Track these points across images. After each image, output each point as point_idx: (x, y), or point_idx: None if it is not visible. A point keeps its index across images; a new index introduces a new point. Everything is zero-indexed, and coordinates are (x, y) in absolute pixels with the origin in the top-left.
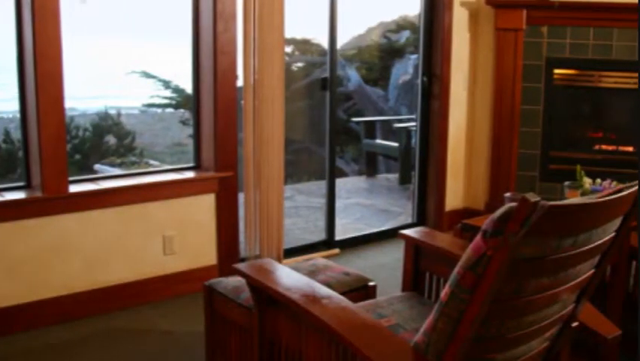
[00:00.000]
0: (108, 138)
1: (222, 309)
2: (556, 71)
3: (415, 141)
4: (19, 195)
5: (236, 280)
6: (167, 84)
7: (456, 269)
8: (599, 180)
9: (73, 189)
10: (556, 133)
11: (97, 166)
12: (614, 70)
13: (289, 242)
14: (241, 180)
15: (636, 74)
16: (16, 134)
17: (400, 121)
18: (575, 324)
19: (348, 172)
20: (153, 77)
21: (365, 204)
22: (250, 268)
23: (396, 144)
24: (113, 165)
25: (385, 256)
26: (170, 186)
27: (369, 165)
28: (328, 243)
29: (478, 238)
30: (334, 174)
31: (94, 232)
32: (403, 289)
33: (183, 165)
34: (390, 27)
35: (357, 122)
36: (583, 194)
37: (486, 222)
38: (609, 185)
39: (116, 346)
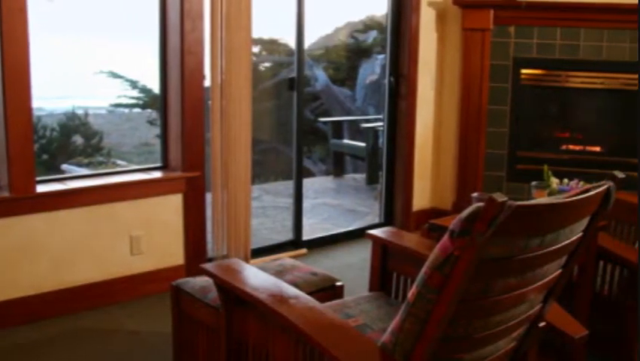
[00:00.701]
0: (75, 138)
1: (190, 309)
2: (524, 71)
3: (383, 141)
4: None
5: (203, 280)
6: (134, 84)
7: (423, 269)
8: (566, 180)
9: (41, 189)
10: (523, 133)
11: (64, 166)
12: (581, 70)
13: (256, 242)
14: (208, 180)
15: (603, 74)
16: None
17: (368, 121)
18: (542, 324)
19: (315, 172)
20: (120, 77)
21: (332, 204)
22: (217, 268)
23: (363, 144)
24: (80, 165)
25: (353, 256)
26: (138, 186)
27: (337, 165)
28: (296, 243)
29: (446, 238)
30: (302, 174)
31: (61, 232)
32: (371, 289)
33: (151, 165)
34: (357, 27)
35: (325, 122)
36: (550, 194)
37: (453, 222)
38: (576, 185)
39: (83, 346)
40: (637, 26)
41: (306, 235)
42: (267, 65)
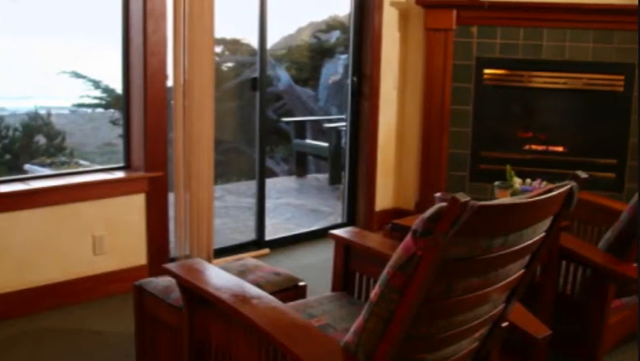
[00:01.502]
0: (38, 138)
1: (152, 309)
2: (486, 71)
3: (345, 141)
4: None
5: (166, 280)
6: (97, 84)
7: (386, 269)
8: (528, 180)
9: (3, 189)
10: (486, 133)
11: (27, 166)
12: (544, 70)
13: (219, 242)
14: (171, 180)
15: (565, 74)
16: None
17: (330, 121)
18: (505, 324)
19: (278, 172)
20: (83, 77)
21: (295, 204)
22: (180, 268)
23: (326, 144)
24: (43, 165)
25: (315, 256)
26: (100, 186)
27: (300, 165)
28: (258, 243)
29: (408, 238)
30: (264, 174)
31: (24, 232)
32: (333, 289)
33: (113, 165)
34: (320, 27)
35: (288, 122)
36: (513, 194)
37: (416, 222)
38: (539, 185)
39: (46, 346)
40: (600, 26)
41: (269, 235)
42: (229, 65)
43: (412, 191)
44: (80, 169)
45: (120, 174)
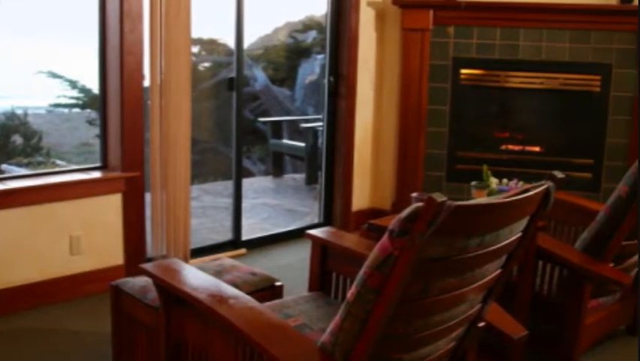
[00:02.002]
0: (15, 138)
1: (129, 309)
2: (463, 71)
3: (322, 141)
4: None
5: (143, 280)
6: (73, 84)
7: (363, 269)
8: (505, 180)
9: None
10: (463, 133)
11: (4, 166)
12: (520, 70)
13: (196, 242)
14: (148, 180)
15: (542, 74)
16: None
17: (307, 121)
18: (481, 324)
19: (254, 172)
20: (60, 76)
21: (272, 205)
22: (156, 268)
23: (302, 144)
24: (19, 165)
25: (292, 256)
26: (77, 186)
27: (276, 165)
28: (235, 243)
29: (385, 238)
30: (241, 174)
31: (1, 232)
32: (310, 289)
33: (90, 165)
34: (296, 27)
35: (264, 122)
36: (489, 194)
37: (393, 222)
38: (515, 185)
39: (23, 346)
40: (576, 26)
41: (246, 235)
42: (206, 65)
43: (388, 191)
44: (57, 169)
45: (97, 174)
